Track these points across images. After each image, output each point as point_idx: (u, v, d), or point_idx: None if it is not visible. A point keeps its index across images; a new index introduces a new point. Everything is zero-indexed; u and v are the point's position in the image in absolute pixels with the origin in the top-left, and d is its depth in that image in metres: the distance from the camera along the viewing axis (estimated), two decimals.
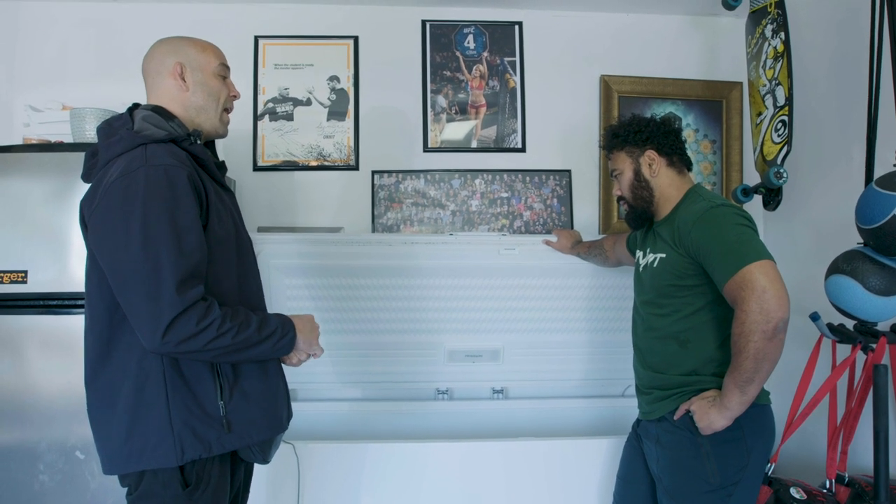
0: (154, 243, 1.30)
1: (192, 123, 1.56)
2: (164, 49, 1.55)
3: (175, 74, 1.52)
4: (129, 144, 1.40)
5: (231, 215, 1.55)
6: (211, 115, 1.58)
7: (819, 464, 2.15)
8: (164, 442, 1.38)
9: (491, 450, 2.27)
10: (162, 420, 1.39)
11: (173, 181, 1.35)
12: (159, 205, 1.32)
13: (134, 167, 1.34)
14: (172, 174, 1.35)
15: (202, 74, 1.55)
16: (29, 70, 2.82)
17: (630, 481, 1.98)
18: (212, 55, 1.58)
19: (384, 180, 2.90)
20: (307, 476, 2.14)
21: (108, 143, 1.43)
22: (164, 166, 1.35)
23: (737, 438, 1.68)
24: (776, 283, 1.54)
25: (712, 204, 1.72)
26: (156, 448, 1.38)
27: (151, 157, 1.36)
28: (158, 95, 1.54)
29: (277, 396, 1.58)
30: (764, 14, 2.39)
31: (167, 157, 1.38)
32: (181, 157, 1.42)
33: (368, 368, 2.70)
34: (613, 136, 1.94)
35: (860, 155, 2.16)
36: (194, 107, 1.55)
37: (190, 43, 1.57)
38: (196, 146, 1.49)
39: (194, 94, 1.54)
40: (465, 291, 2.60)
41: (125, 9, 2.85)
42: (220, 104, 1.60)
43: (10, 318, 2.18)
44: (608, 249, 2.39)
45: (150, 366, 1.40)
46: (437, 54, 2.96)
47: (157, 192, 1.33)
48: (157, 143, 1.41)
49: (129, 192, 1.32)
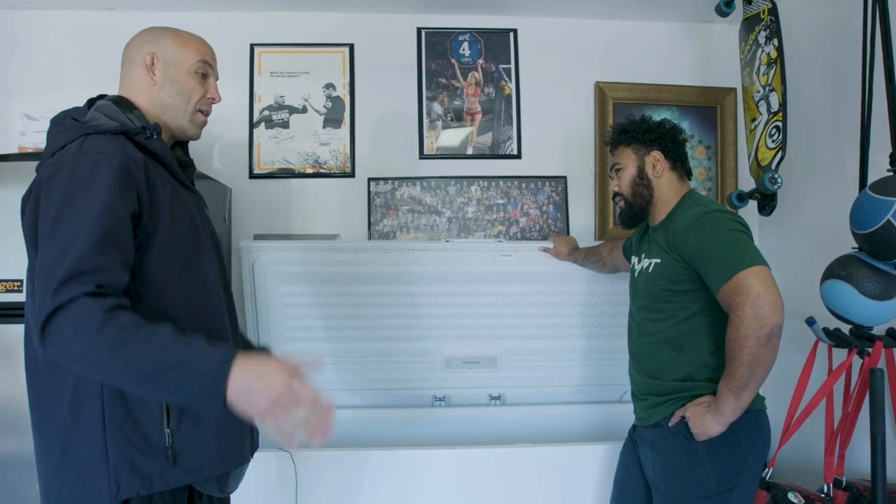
0: (59, 234, 1.14)
1: (158, 119, 1.41)
2: (143, 37, 1.43)
3: (145, 65, 1.39)
4: (73, 135, 1.26)
5: (191, 217, 1.37)
6: (178, 114, 1.42)
7: (816, 468, 2.15)
8: (97, 476, 1.20)
9: (488, 456, 2.27)
10: (96, 450, 1.20)
11: (101, 169, 1.19)
12: (79, 192, 1.17)
13: (65, 156, 1.21)
14: (102, 162, 1.20)
15: (175, 70, 1.41)
16: (24, 79, 2.82)
17: (627, 487, 1.98)
18: (192, 51, 1.43)
19: (380, 187, 2.90)
20: (305, 484, 2.13)
21: (54, 133, 1.29)
22: (97, 153, 1.21)
23: (732, 444, 1.68)
24: (770, 289, 1.55)
25: (707, 209, 1.73)
26: (89, 483, 1.20)
27: (89, 145, 1.22)
28: (127, 86, 1.42)
29: (239, 423, 1.25)
30: (757, 21, 2.41)
31: (106, 146, 1.23)
32: (125, 148, 1.26)
33: (365, 376, 2.70)
34: (622, 131, 1.95)
35: (854, 160, 2.17)
36: (160, 103, 1.41)
37: (171, 34, 1.43)
38: (153, 141, 1.34)
39: (162, 90, 1.40)
40: (461, 298, 2.60)
41: (120, 18, 2.85)
42: (192, 104, 1.44)
43: (6, 327, 2.17)
44: (605, 255, 2.40)
45: (87, 383, 1.21)
46: (432, 61, 2.96)
47: (81, 180, 1.18)
48: (101, 134, 1.26)
49: (51, 181, 1.19)
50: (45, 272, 1.11)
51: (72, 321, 1.07)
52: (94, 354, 1.07)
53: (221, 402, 1.09)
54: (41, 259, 1.14)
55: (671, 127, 1.93)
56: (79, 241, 1.12)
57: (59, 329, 1.08)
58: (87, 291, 1.09)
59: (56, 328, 1.08)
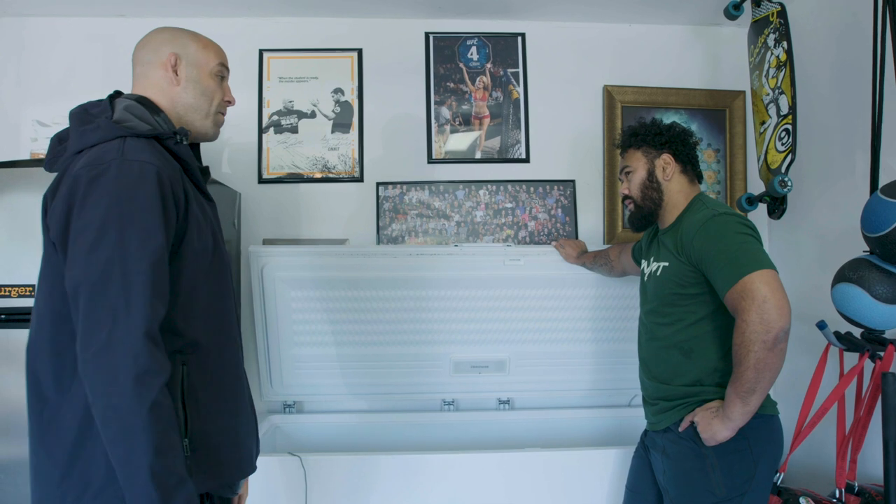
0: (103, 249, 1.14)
1: (179, 121, 1.42)
2: (162, 37, 1.42)
3: (168, 65, 1.39)
4: (106, 135, 1.24)
5: (211, 228, 1.39)
6: (201, 115, 1.44)
7: (828, 473, 2.14)
8: (107, 487, 1.17)
9: (498, 461, 2.27)
10: (108, 460, 1.15)
11: (146, 180, 1.19)
12: (126, 205, 1.16)
13: (106, 159, 1.19)
14: (148, 172, 1.20)
15: (198, 71, 1.42)
16: (36, 85, 2.85)
17: (638, 492, 1.97)
18: (212, 53, 1.46)
19: (389, 192, 2.91)
20: (314, 488, 2.14)
21: (83, 131, 1.26)
22: (141, 162, 1.20)
23: (743, 449, 1.67)
24: (777, 293, 1.54)
25: (715, 212, 1.72)
26: (98, 495, 1.18)
27: (129, 151, 1.21)
28: (146, 86, 1.40)
29: (252, 433, 1.42)
30: (766, 24, 2.40)
31: (147, 154, 1.22)
32: (163, 156, 1.27)
33: (374, 380, 2.70)
34: (632, 134, 1.95)
35: (865, 163, 2.16)
36: (183, 104, 1.41)
37: (192, 36, 1.44)
38: (181, 146, 1.34)
39: (185, 91, 1.41)
40: (470, 302, 2.60)
41: (132, 25, 2.87)
42: (214, 105, 1.46)
43: (18, 332, 2.19)
44: (613, 259, 2.39)
45: None
46: (440, 66, 2.97)
47: (127, 190, 1.17)
48: (137, 138, 1.25)
49: (94, 185, 1.17)
50: (100, 290, 1.13)
51: (124, 371, 1.10)
52: (123, 409, 1.10)
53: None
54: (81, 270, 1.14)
55: (682, 130, 1.92)
56: (136, 260, 1.14)
57: (108, 367, 1.10)
58: (159, 320, 1.16)
59: (106, 366, 1.10)
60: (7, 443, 2.17)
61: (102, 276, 1.13)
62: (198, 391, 1.28)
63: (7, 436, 2.17)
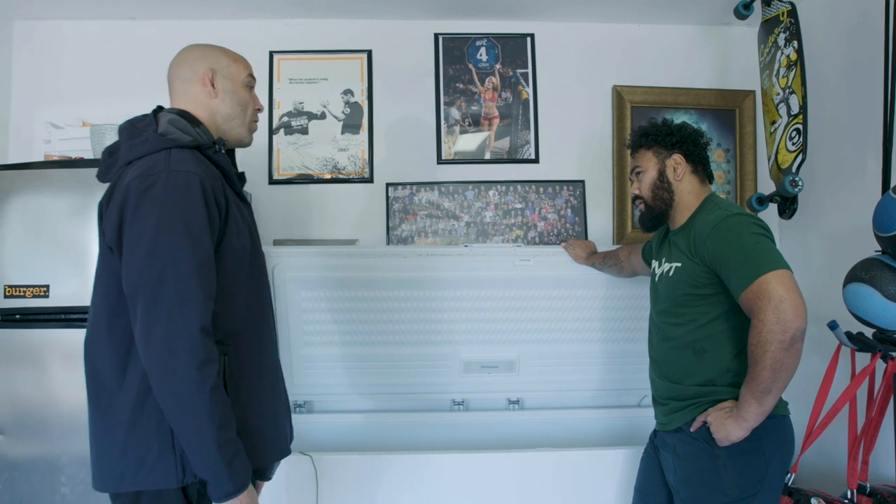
0: (160, 252, 1.28)
1: (218, 131, 1.54)
2: (196, 54, 1.54)
3: (205, 80, 1.51)
4: (153, 147, 1.37)
5: (248, 229, 1.52)
6: (237, 123, 1.56)
7: (840, 474, 2.13)
8: (163, 461, 1.33)
9: (507, 461, 2.27)
10: (163, 436, 1.33)
11: (192, 189, 1.32)
12: (175, 212, 1.30)
13: (155, 170, 1.32)
14: (193, 181, 1.33)
15: (232, 83, 1.54)
16: (48, 88, 2.88)
17: (648, 492, 1.97)
18: (242, 66, 1.58)
19: (398, 192, 2.92)
20: (325, 487, 2.15)
21: (132, 144, 1.40)
22: (186, 173, 1.33)
23: (755, 450, 1.67)
24: (793, 293, 1.54)
25: (728, 213, 1.72)
26: (155, 467, 1.33)
27: (175, 161, 1.34)
28: (185, 101, 1.52)
29: (285, 417, 1.57)
30: (776, 23, 2.40)
31: (191, 164, 1.35)
32: (205, 165, 1.40)
33: (384, 380, 2.71)
34: (643, 135, 1.94)
35: (876, 162, 2.16)
36: (221, 114, 1.53)
37: (222, 51, 1.57)
38: (219, 155, 1.47)
39: (223, 102, 1.53)
40: (480, 303, 2.60)
41: (142, 27, 2.90)
42: (249, 114, 1.59)
43: (32, 331, 2.21)
44: (623, 259, 2.39)
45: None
46: (449, 67, 2.98)
47: (175, 199, 1.30)
48: (181, 149, 1.38)
49: (147, 194, 1.30)
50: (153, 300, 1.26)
51: (185, 363, 1.25)
52: (189, 394, 1.26)
53: (219, 498, 1.30)
54: (138, 274, 1.28)
55: (693, 130, 1.92)
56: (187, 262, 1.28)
57: (171, 360, 1.25)
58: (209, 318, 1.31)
59: (170, 359, 1.25)
60: (22, 442, 2.19)
61: (159, 280, 1.27)
62: (237, 378, 1.41)
63: (22, 435, 2.19)
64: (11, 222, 2.22)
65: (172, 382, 1.25)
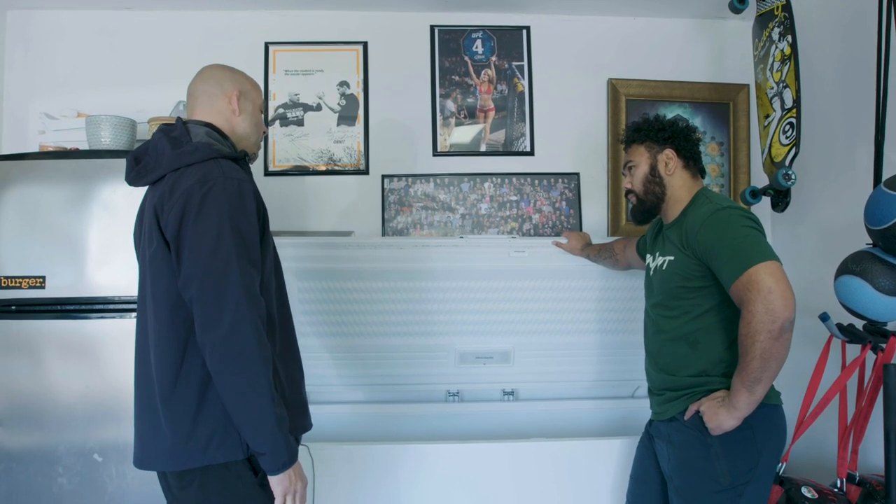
0: (223, 249, 1.41)
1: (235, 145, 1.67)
2: (224, 74, 1.68)
3: (232, 98, 1.64)
4: (203, 155, 1.50)
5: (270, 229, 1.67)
6: (251, 142, 1.71)
7: (830, 463, 2.16)
8: (230, 435, 1.45)
9: (502, 451, 2.29)
10: (227, 415, 1.44)
11: (245, 195, 1.47)
12: (234, 215, 1.43)
13: (212, 176, 1.45)
14: (244, 188, 1.48)
15: (252, 105, 1.69)
16: (43, 78, 2.86)
17: (642, 481, 1.99)
18: (258, 92, 1.74)
19: (394, 184, 2.92)
20: (322, 477, 2.16)
21: (180, 153, 1.51)
22: (238, 180, 1.47)
23: (747, 438, 1.69)
24: (782, 284, 1.56)
25: (719, 206, 1.74)
26: (223, 442, 1.45)
27: (227, 170, 1.48)
28: (211, 114, 1.63)
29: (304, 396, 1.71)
30: (771, 17, 2.41)
31: (239, 173, 1.50)
32: (246, 173, 1.56)
33: (379, 371, 2.72)
34: (636, 130, 1.97)
35: (868, 156, 2.18)
36: (239, 131, 1.67)
37: (243, 76, 1.71)
38: (248, 165, 1.64)
39: (243, 121, 1.67)
40: (475, 294, 2.61)
41: (138, 17, 2.88)
42: (260, 134, 1.74)
43: (28, 322, 2.21)
44: (618, 252, 2.41)
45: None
46: (445, 59, 2.98)
47: (233, 202, 1.44)
48: (226, 159, 1.52)
49: (207, 198, 1.42)
50: (221, 283, 1.40)
51: (250, 348, 1.39)
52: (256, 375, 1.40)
53: (277, 469, 1.45)
54: (203, 269, 1.41)
55: (685, 126, 1.94)
56: (244, 260, 1.43)
57: (238, 345, 1.39)
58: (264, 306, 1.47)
59: (237, 344, 1.39)
60: (19, 434, 2.19)
61: (223, 274, 1.40)
62: (275, 363, 1.52)
63: (19, 426, 2.19)
64: (7, 213, 2.22)
65: (240, 361, 1.38)
